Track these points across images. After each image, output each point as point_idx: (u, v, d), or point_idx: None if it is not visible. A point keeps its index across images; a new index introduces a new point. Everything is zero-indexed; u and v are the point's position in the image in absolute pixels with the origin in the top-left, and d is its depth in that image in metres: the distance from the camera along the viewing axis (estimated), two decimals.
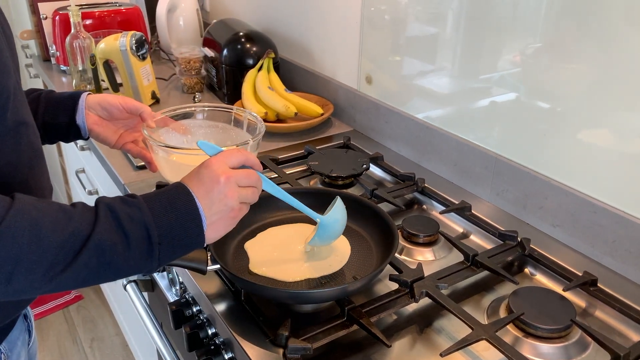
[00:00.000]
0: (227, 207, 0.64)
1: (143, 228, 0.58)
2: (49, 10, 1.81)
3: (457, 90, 1.10)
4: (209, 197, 0.62)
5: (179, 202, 0.61)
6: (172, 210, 0.60)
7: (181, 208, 0.61)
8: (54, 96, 0.88)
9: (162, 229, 0.59)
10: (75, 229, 0.55)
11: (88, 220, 0.56)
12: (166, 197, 0.61)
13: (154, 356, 1.44)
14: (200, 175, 0.64)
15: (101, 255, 0.56)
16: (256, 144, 0.89)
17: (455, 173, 1.13)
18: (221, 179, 0.63)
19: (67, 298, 2.32)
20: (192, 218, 0.61)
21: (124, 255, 0.57)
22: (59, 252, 0.54)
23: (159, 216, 0.59)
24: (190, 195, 0.62)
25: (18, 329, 0.78)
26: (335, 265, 0.82)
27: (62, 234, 0.54)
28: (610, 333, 0.77)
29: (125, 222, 0.58)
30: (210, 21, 1.79)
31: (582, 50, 0.85)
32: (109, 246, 0.56)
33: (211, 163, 0.64)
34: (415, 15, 1.15)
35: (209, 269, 0.76)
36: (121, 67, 1.44)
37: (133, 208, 0.59)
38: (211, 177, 0.63)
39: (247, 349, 0.71)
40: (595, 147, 0.87)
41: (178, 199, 0.61)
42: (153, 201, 0.60)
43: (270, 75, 1.44)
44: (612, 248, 0.87)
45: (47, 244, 0.53)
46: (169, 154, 0.87)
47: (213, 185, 0.63)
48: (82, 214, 0.57)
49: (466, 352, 0.73)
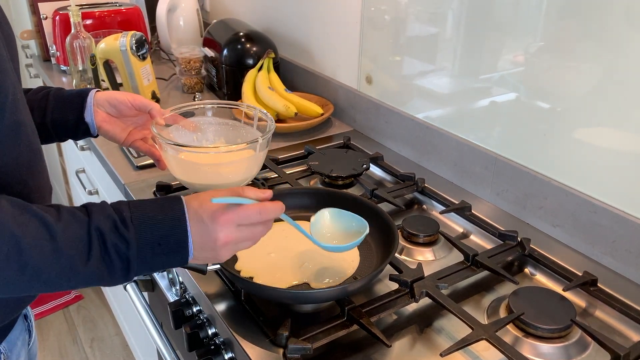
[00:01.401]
0: (216, 259, 0.65)
1: (126, 261, 0.59)
2: (49, 10, 1.81)
3: (457, 90, 1.10)
4: (201, 245, 0.62)
5: (172, 240, 0.61)
6: (161, 247, 0.61)
7: (172, 246, 0.61)
8: (62, 94, 0.88)
9: (144, 260, 0.60)
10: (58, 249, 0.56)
11: (75, 240, 0.57)
12: (161, 232, 0.60)
13: (154, 356, 1.44)
14: (203, 225, 0.62)
15: (87, 282, 0.59)
16: (266, 142, 0.89)
17: (455, 173, 1.13)
18: (218, 243, 0.63)
19: (67, 298, 2.32)
20: (179, 256, 0.62)
21: (105, 280, 0.60)
22: (39, 270, 0.55)
23: (146, 253, 0.60)
24: (187, 240, 0.61)
25: (18, 329, 0.78)
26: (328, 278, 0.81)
27: (42, 253, 0.55)
28: (610, 333, 0.77)
29: (112, 253, 0.58)
30: (210, 21, 1.79)
31: (583, 50, 0.85)
32: (95, 276, 0.59)
33: (219, 220, 0.62)
34: (415, 15, 1.15)
35: (209, 269, 0.76)
36: (121, 67, 1.44)
37: (122, 242, 0.59)
38: (210, 235, 0.62)
39: (247, 349, 0.71)
40: (596, 147, 0.87)
41: (172, 237, 0.61)
42: (145, 234, 0.60)
43: (270, 75, 1.44)
44: (612, 248, 0.87)
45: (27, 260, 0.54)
46: (178, 152, 0.87)
47: (209, 243, 0.62)
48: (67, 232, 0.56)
49: (466, 352, 0.73)
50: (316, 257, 0.83)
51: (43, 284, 0.57)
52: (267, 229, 0.67)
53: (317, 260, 0.83)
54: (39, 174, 0.72)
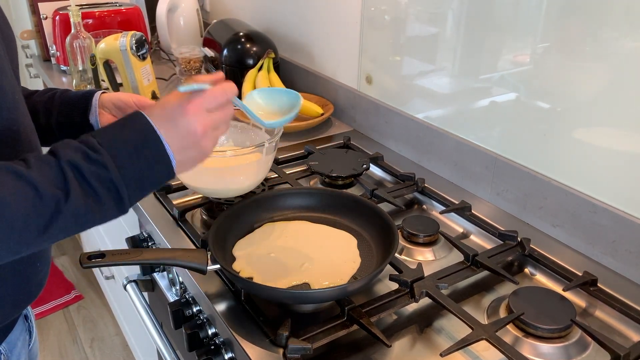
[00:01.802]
0: (202, 153, 0.64)
1: (112, 186, 0.58)
2: (49, 10, 1.81)
3: (457, 90, 1.10)
4: (182, 143, 0.61)
5: (148, 151, 0.60)
6: (141, 159, 0.59)
7: (150, 156, 0.60)
8: (68, 96, 0.87)
9: (130, 181, 0.59)
10: (40, 194, 0.54)
11: (53, 181, 0.55)
12: (134, 145, 0.59)
13: (154, 356, 1.44)
14: (174, 122, 0.61)
15: (77, 218, 0.57)
16: (273, 146, 0.89)
17: (455, 173, 1.13)
18: (198, 132, 0.61)
19: (67, 298, 2.32)
20: (162, 164, 0.61)
21: (97, 213, 0.58)
22: (28, 219, 0.54)
23: (127, 169, 0.59)
24: (161, 143, 0.60)
25: (18, 330, 0.78)
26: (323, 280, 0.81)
27: (26, 202, 0.53)
28: (610, 333, 0.77)
29: (93, 182, 0.57)
30: (211, 21, 1.79)
31: (583, 50, 0.85)
32: (83, 209, 0.57)
33: (189, 111, 0.62)
34: (416, 15, 1.15)
35: (209, 269, 0.76)
36: (121, 67, 1.44)
37: (99, 166, 0.57)
38: (188, 128, 0.61)
39: (247, 349, 0.71)
40: (596, 147, 0.87)
41: (147, 147, 0.60)
42: (120, 152, 0.59)
43: (270, 75, 1.44)
44: (612, 248, 0.87)
45: (12, 213, 0.53)
46: None
47: (189, 137, 0.61)
48: (42, 174, 0.55)
49: (466, 352, 0.73)
50: (316, 257, 0.83)
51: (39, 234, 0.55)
52: (232, 110, 0.67)
53: (317, 260, 0.83)
54: None
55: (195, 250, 0.81)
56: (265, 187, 1.05)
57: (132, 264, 0.76)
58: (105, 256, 0.73)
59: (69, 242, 2.68)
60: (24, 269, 0.71)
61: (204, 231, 0.97)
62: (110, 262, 0.73)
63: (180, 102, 0.63)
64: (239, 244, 0.86)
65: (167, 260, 0.76)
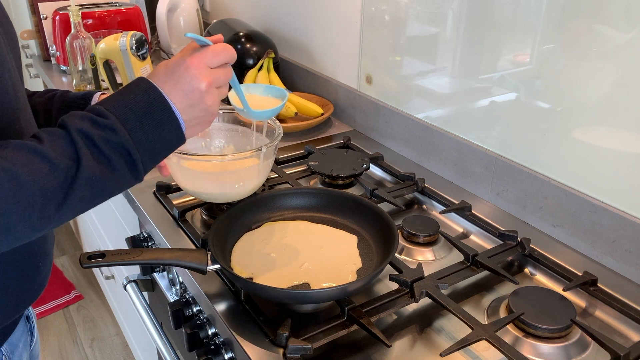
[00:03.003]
0: (207, 112, 0.63)
1: (123, 150, 0.58)
2: (49, 10, 1.81)
3: (457, 90, 1.10)
4: (187, 102, 0.61)
5: (155, 112, 0.59)
6: (149, 121, 0.59)
7: (157, 117, 0.59)
8: (67, 97, 0.87)
9: (141, 144, 0.59)
10: (55, 166, 0.54)
11: (66, 153, 0.55)
12: (141, 107, 0.59)
13: (154, 356, 1.45)
14: (178, 78, 0.61)
15: (93, 186, 0.57)
16: (273, 149, 0.88)
17: (455, 173, 1.13)
18: (202, 86, 0.61)
19: (67, 298, 2.32)
20: (170, 125, 0.60)
21: (112, 179, 0.58)
22: (46, 193, 0.54)
23: (136, 131, 0.58)
24: (166, 102, 0.60)
25: (20, 331, 0.78)
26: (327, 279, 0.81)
27: (42, 175, 0.53)
28: (610, 333, 0.77)
29: (104, 148, 0.57)
30: (210, 21, 1.79)
31: (583, 50, 0.85)
32: (97, 176, 0.57)
33: (191, 65, 0.61)
34: (415, 15, 1.15)
35: (209, 269, 0.76)
36: (121, 67, 1.44)
37: (108, 131, 0.57)
38: (192, 83, 0.61)
39: (247, 349, 0.71)
40: (596, 147, 0.87)
41: (153, 108, 0.59)
42: (127, 115, 0.58)
43: (270, 75, 1.44)
44: (612, 248, 0.87)
45: (31, 189, 0.53)
46: (181, 159, 0.86)
47: (193, 92, 0.61)
48: (54, 147, 0.55)
49: (466, 352, 0.73)
50: (316, 257, 0.83)
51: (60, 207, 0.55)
52: (231, 71, 0.67)
53: (317, 260, 0.83)
54: None
55: (195, 250, 0.80)
56: (265, 187, 1.05)
57: (132, 264, 0.76)
58: (105, 256, 0.73)
59: (69, 242, 2.68)
60: (26, 269, 0.71)
61: (204, 231, 0.97)
62: (110, 262, 0.73)
63: (182, 58, 0.62)
64: (239, 243, 0.86)
65: (167, 260, 0.76)
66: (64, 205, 0.56)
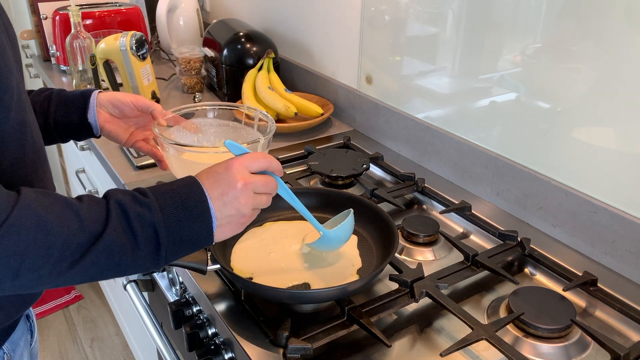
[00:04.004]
0: (239, 213, 0.63)
1: (152, 229, 0.58)
2: (49, 10, 1.81)
3: (457, 90, 1.10)
4: (222, 200, 0.62)
5: (191, 202, 0.60)
6: (183, 210, 0.60)
7: (193, 208, 0.60)
8: (65, 95, 0.88)
9: (171, 230, 0.59)
10: (83, 226, 0.55)
11: (98, 218, 0.56)
12: (179, 195, 0.60)
13: (154, 356, 1.44)
14: (218, 176, 0.63)
15: (110, 256, 0.56)
16: (267, 143, 0.89)
17: (455, 173, 1.13)
18: (239, 185, 0.62)
19: (67, 298, 2.32)
20: (203, 220, 0.61)
21: (132, 256, 0.58)
22: (66, 249, 0.54)
23: (169, 216, 0.59)
24: (204, 195, 0.61)
25: (20, 330, 0.79)
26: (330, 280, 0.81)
27: (69, 231, 0.54)
28: (610, 333, 0.77)
29: (135, 223, 0.57)
30: (210, 21, 1.79)
31: (583, 50, 0.85)
32: (118, 247, 0.56)
33: (232, 165, 0.63)
34: (415, 15, 1.15)
35: (209, 269, 0.76)
36: (121, 67, 1.44)
37: (144, 208, 0.58)
38: (229, 180, 0.62)
39: (247, 349, 0.71)
40: (596, 147, 0.87)
41: (190, 197, 0.60)
42: (165, 199, 0.60)
43: (270, 75, 1.44)
44: (612, 248, 0.87)
45: (53, 240, 0.53)
46: (179, 152, 0.87)
47: (229, 190, 0.62)
48: (90, 210, 0.56)
49: (466, 352, 0.73)
50: (316, 257, 0.83)
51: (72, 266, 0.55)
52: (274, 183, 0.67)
53: (317, 260, 0.83)
54: (43, 174, 0.72)
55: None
56: None
57: None
58: None
59: None
60: None
61: None
62: None
63: (226, 162, 0.64)
64: (239, 243, 0.86)
65: None
66: (76, 266, 0.55)
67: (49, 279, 0.55)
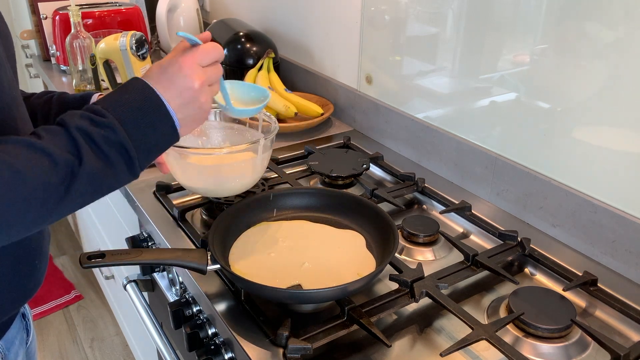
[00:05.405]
0: (201, 110, 0.65)
1: (122, 149, 0.60)
2: (49, 10, 1.81)
3: (457, 90, 1.10)
4: (181, 99, 0.63)
5: (151, 111, 0.61)
6: (143, 118, 0.61)
7: (151, 114, 0.61)
8: (65, 98, 0.88)
9: (138, 142, 0.61)
10: (56, 162, 0.56)
11: (66, 149, 0.57)
12: (137, 106, 0.61)
13: (154, 356, 1.45)
14: (172, 77, 0.63)
15: (92, 183, 0.59)
16: (269, 143, 0.90)
17: (455, 173, 1.13)
18: (196, 85, 0.63)
19: (67, 298, 2.32)
20: (165, 123, 0.62)
21: (111, 176, 0.60)
22: (47, 189, 0.55)
23: (133, 130, 0.60)
24: (161, 101, 0.62)
25: (15, 328, 0.79)
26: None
27: (43, 171, 0.55)
28: (610, 333, 0.77)
29: (104, 147, 0.59)
30: (210, 21, 1.79)
31: (583, 50, 0.85)
32: (96, 173, 0.59)
33: (185, 64, 0.63)
34: (415, 15, 1.15)
35: (209, 269, 0.76)
36: (121, 67, 1.44)
37: (107, 130, 0.59)
38: (185, 81, 0.63)
39: (247, 348, 0.71)
40: (596, 147, 0.87)
41: (149, 107, 0.61)
42: (124, 115, 0.60)
43: (270, 75, 1.44)
44: (612, 248, 0.87)
45: (33, 184, 0.54)
46: (180, 154, 0.86)
47: (187, 91, 0.63)
48: (55, 144, 0.57)
49: (466, 352, 0.73)
50: (316, 257, 0.83)
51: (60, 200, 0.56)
52: (221, 69, 0.69)
53: (317, 260, 0.83)
54: None
55: (195, 250, 0.80)
56: (265, 187, 1.05)
57: (132, 264, 0.76)
58: (105, 256, 0.73)
59: (69, 242, 2.68)
60: (23, 267, 0.72)
61: (204, 231, 0.97)
62: (110, 262, 0.73)
63: (174, 58, 0.64)
64: (239, 243, 0.86)
65: (167, 260, 0.76)
66: (64, 200, 0.57)
67: (41, 218, 0.56)
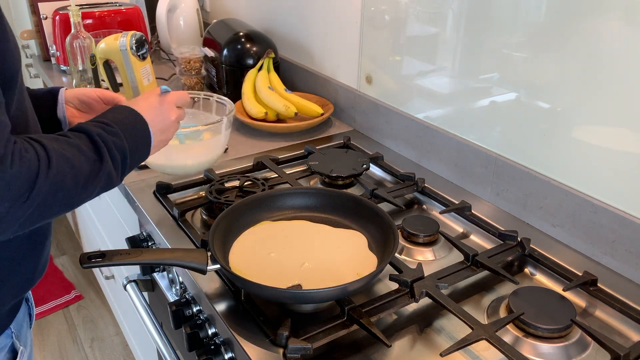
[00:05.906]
0: (167, 139, 0.83)
1: (124, 156, 0.71)
2: (49, 10, 1.81)
3: (457, 90, 1.10)
4: (159, 127, 0.79)
5: (139, 130, 0.76)
6: (136, 136, 0.75)
7: (140, 136, 0.76)
8: (33, 93, 0.89)
9: (132, 152, 0.73)
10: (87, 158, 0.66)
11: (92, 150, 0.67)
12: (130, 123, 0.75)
13: (154, 356, 1.45)
14: (156, 111, 0.80)
15: (108, 179, 0.69)
16: (229, 123, 0.99)
17: (455, 173, 1.13)
18: (172, 119, 0.82)
19: (67, 298, 2.32)
20: (147, 144, 0.77)
21: (113, 177, 0.70)
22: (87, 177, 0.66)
23: (130, 141, 0.73)
24: (146, 125, 0.77)
25: (22, 311, 0.81)
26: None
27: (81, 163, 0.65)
28: (610, 333, 0.77)
29: (114, 152, 0.70)
30: (210, 21, 1.79)
31: (582, 51, 0.85)
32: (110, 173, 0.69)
33: (168, 102, 0.82)
34: (415, 15, 1.15)
35: (209, 269, 0.76)
36: (121, 67, 1.43)
37: (117, 138, 0.71)
38: (165, 115, 0.81)
39: (247, 348, 0.71)
40: (596, 147, 0.87)
41: (137, 126, 0.76)
42: (124, 128, 0.73)
43: (270, 75, 1.44)
44: (612, 248, 0.87)
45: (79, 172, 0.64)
46: None
47: (166, 123, 0.81)
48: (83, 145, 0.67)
49: (466, 352, 0.73)
50: (316, 256, 0.83)
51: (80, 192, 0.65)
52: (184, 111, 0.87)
53: (317, 260, 0.83)
54: None
55: (195, 250, 0.81)
56: (266, 187, 1.05)
57: (132, 264, 0.76)
58: (105, 256, 0.73)
59: (69, 242, 2.68)
60: (36, 248, 0.75)
61: (204, 231, 0.97)
62: (110, 262, 0.73)
63: (159, 97, 0.83)
64: (239, 243, 0.86)
65: (167, 260, 0.76)
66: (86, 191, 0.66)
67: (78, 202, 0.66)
